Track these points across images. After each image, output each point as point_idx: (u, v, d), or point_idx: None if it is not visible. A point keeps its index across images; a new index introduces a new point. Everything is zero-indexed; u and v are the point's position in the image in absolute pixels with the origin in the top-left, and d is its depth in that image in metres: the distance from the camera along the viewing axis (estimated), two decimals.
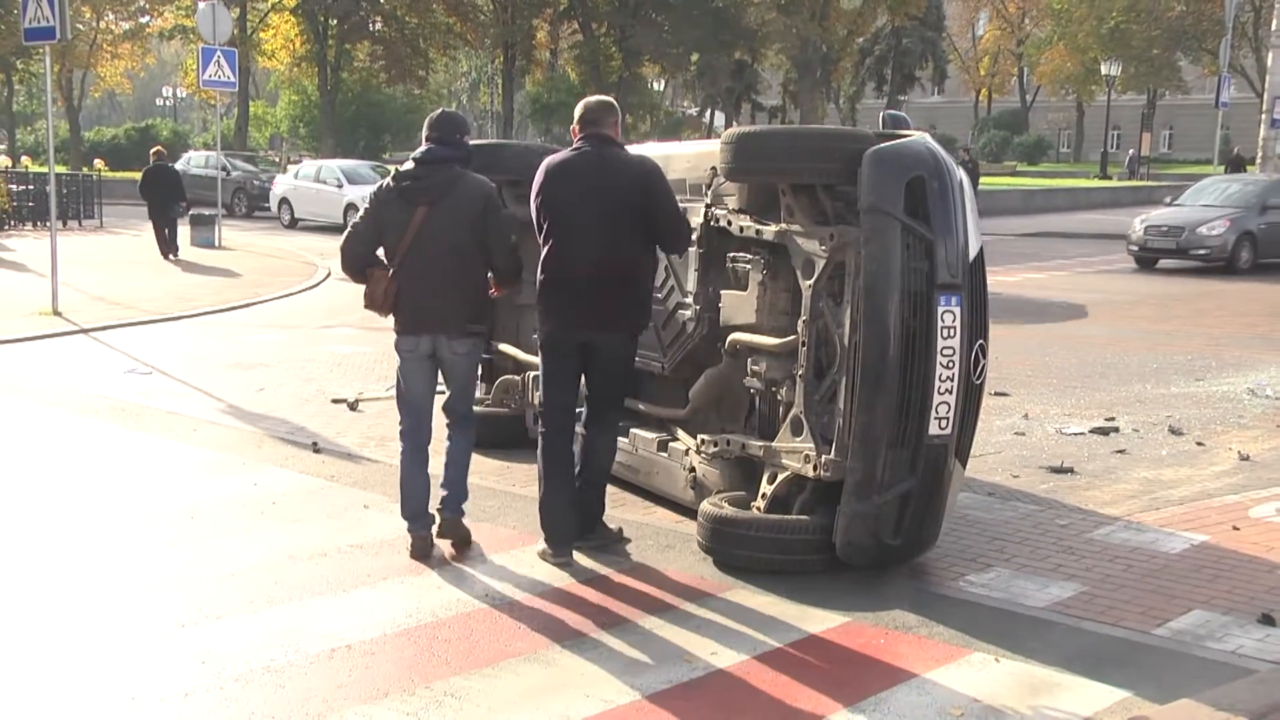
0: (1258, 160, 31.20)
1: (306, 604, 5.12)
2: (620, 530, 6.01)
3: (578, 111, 5.80)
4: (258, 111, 59.50)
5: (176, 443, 8.10)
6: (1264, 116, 31.06)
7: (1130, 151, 61.30)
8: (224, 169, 34.81)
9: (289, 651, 4.59)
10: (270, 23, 53.91)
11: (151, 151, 22.92)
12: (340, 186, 29.09)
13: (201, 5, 23.08)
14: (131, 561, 5.71)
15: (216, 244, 23.24)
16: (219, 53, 22.35)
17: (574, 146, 5.77)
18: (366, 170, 31.49)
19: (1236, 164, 55.31)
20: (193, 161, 35.90)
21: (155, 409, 9.17)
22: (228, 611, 5.01)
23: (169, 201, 21.23)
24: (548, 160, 5.81)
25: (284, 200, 30.79)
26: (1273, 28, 31.76)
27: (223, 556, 5.74)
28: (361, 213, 5.87)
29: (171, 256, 20.83)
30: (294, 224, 30.10)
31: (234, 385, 10.09)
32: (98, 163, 36.80)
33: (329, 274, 18.79)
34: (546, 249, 5.69)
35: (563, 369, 5.77)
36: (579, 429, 5.92)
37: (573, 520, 5.77)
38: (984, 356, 5.36)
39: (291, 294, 16.70)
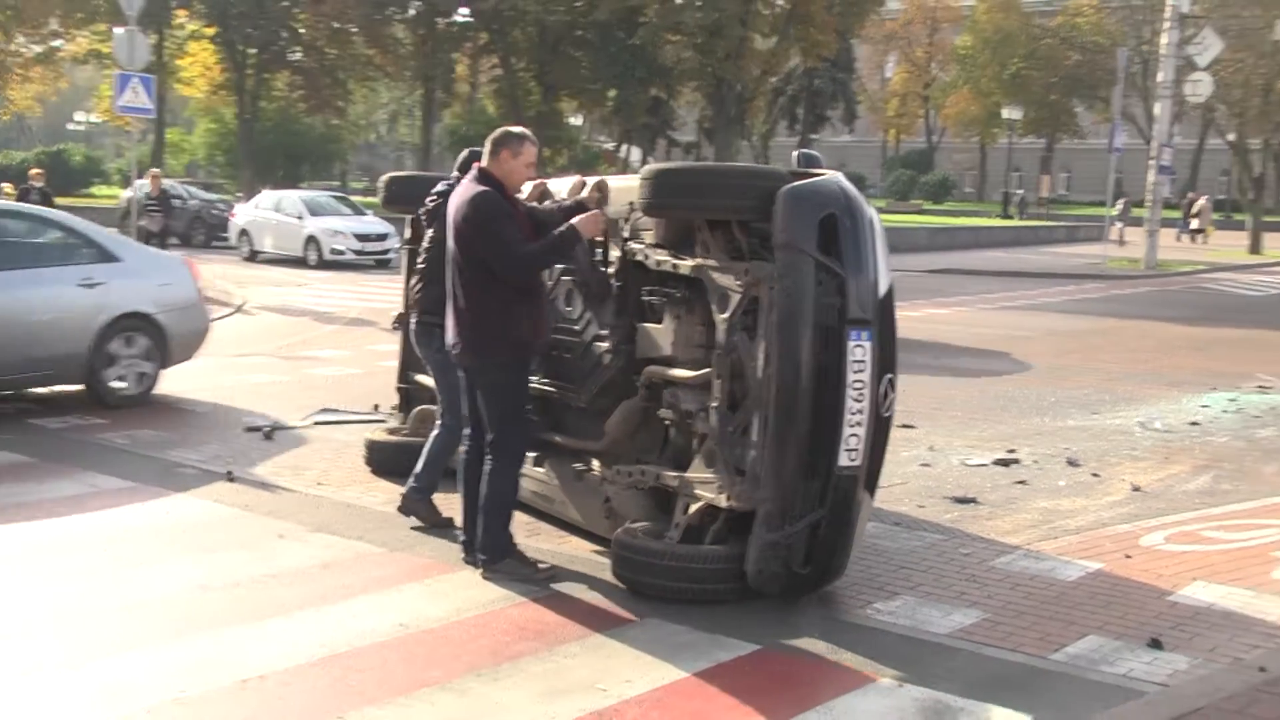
0: (1146, 203, 32.18)
1: (219, 634, 5.09)
2: (543, 568, 5.95)
3: None
4: (174, 139, 58.62)
5: (88, 471, 7.99)
6: (1152, 162, 32.08)
7: (1020, 192, 62.94)
8: (179, 197, 34.10)
9: (200, 683, 4.56)
10: (188, 50, 53.28)
11: (31, 172, 22.46)
12: (300, 218, 27.67)
13: (118, 31, 22.59)
14: (39, 593, 5.62)
15: None
16: (136, 78, 21.99)
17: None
18: (328, 200, 30.33)
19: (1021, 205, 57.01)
20: (141, 188, 34.79)
21: (68, 438, 9.03)
22: (138, 643, 4.97)
23: None
24: None
25: (243, 231, 28.98)
26: (1159, 79, 32.86)
27: (134, 587, 5.69)
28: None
29: None
30: (253, 256, 28.26)
31: (148, 413, 9.94)
32: (5, 186, 35.94)
33: (245, 302, 18.61)
34: None
35: (466, 388, 6.09)
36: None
37: (474, 532, 6.00)
38: (893, 390, 5.51)
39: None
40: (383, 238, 26.86)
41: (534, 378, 6.45)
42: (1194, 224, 45.38)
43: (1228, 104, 39.57)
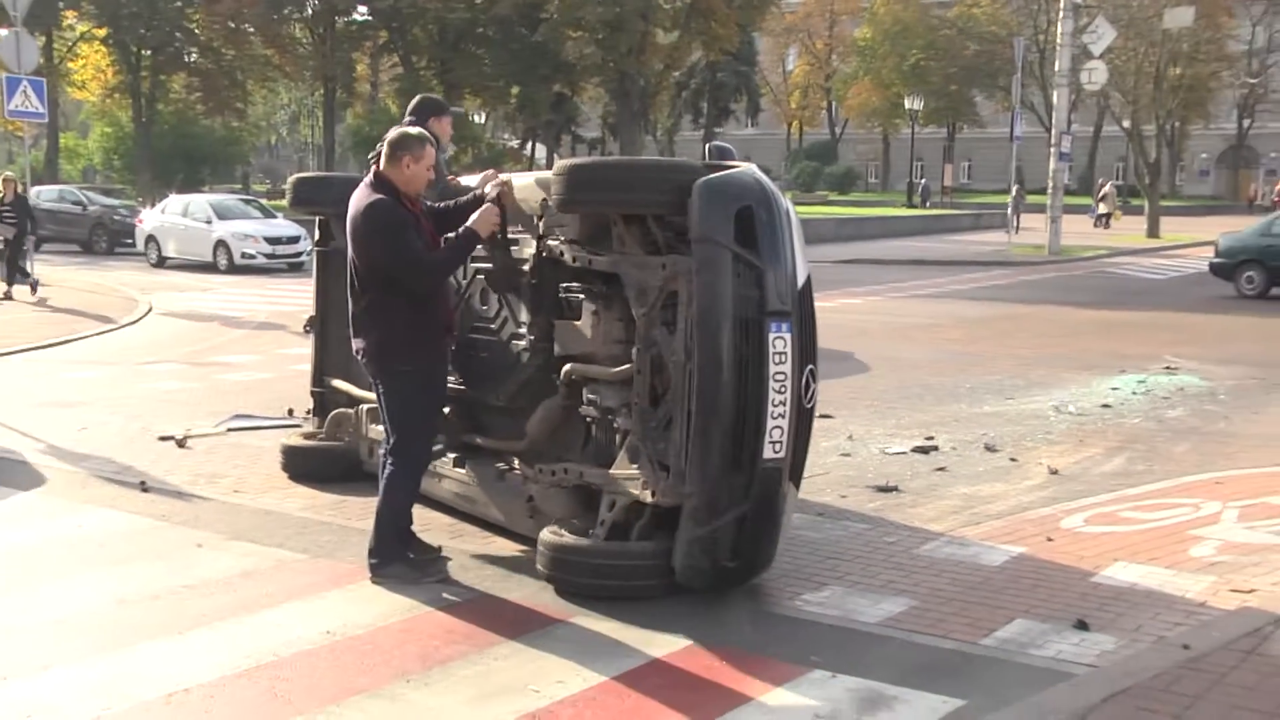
0: (1048, 190, 32.80)
1: (140, 649, 4.94)
2: (433, 572, 5.85)
3: None
4: (69, 143, 57.19)
5: None
6: (1052, 149, 32.70)
7: (922, 181, 63.88)
8: (79, 203, 33.28)
9: (123, 699, 4.42)
10: (80, 52, 51.99)
11: None
12: (209, 223, 27.15)
13: (3, 32, 21.98)
14: None
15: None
16: (25, 82, 21.40)
17: None
18: (236, 204, 29.82)
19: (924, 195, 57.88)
20: (43, 195, 33.70)
21: None
22: (55, 660, 4.80)
23: None
24: None
25: (150, 237, 28.48)
26: (1056, 68, 33.50)
27: (48, 603, 5.50)
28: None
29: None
30: (161, 263, 27.83)
31: (54, 425, 9.65)
32: None
33: (150, 308, 18.20)
34: None
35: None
36: None
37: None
38: (814, 381, 5.52)
39: (112, 330, 16.09)
40: (294, 240, 26.45)
41: (451, 379, 6.35)
42: (1100, 208, 46.33)
43: (1122, 91, 40.46)
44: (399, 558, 5.83)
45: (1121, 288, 23.98)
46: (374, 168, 5.84)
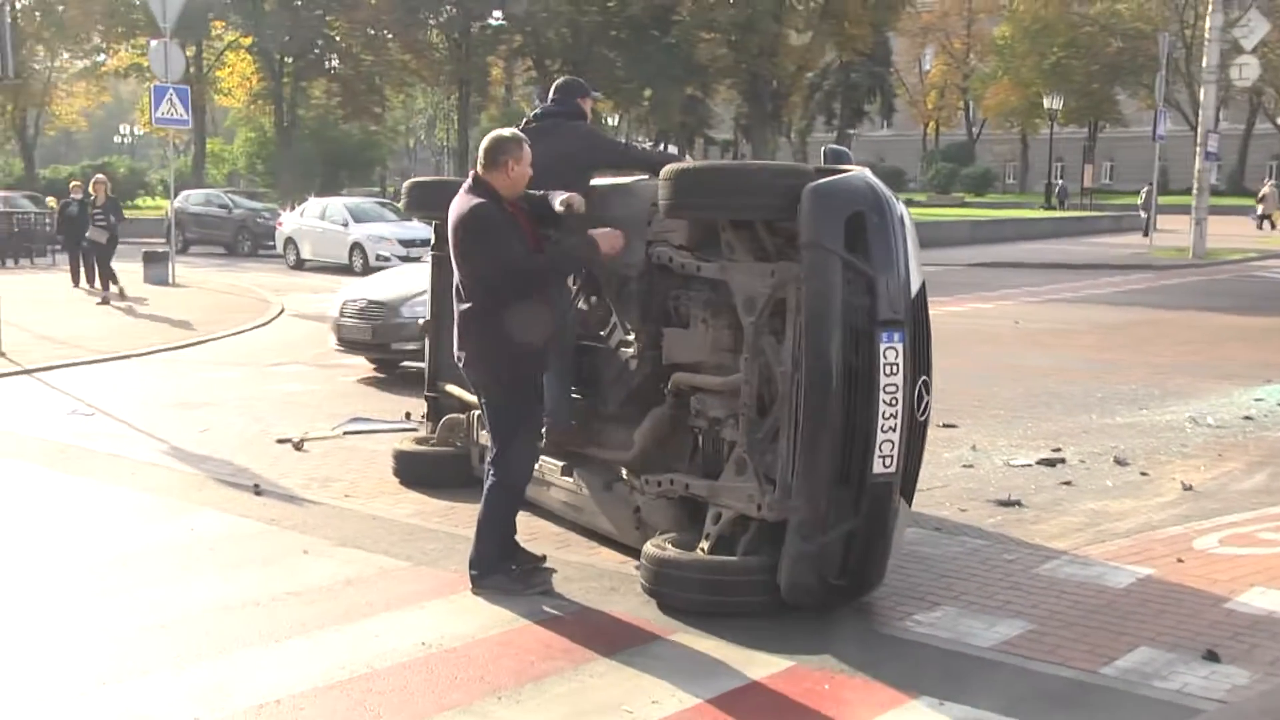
0: (1193, 190, 31.62)
1: (237, 657, 4.95)
2: (536, 583, 5.78)
3: None
4: (215, 149, 59.19)
5: (115, 486, 7.91)
6: (1198, 149, 31.51)
7: (1059, 183, 62.14)
8: (225, 207, 34.59)
9: (215, 710, 4.42)
10: (226, 61, 53.87)
11: (71, 185, 23.02)
12: (345, 225, 27.75)
13: (153, 43, 22.85)
14: (57, 613, 5.51)
15: (170, 281, 22.98)
16: (172, 90, 22.16)
17: None
18: (372, 207, 30.48)
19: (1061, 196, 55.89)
20: (191, 199, 35.17)
21: (95, 451, 8.97)
22: (154, 666, 4.84)
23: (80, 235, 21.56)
24: None
25: (289, 240, 29.30)
26: (1204, 64, 32.29)
27: (154, 607, 5.56)
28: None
29: (105, 290, 20.32)
30: (300, 264, 28.50)
31: (178, 426, 9.87)
32: (49, 200, 36.30)
33: (282, 310, 18.60)
34: None
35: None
36: None
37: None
38: (927, 393, 5.31)
39: (243, 331, 16.46)
40: (427, 242, 26.68)
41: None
42: (1259, 209, 44.48)
43: (1276, 87, 38.87)
44: (500, 569, 5.77)
45: (1270, 293, 22.88)
46: (472, 172, 5.80)
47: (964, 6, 77.84)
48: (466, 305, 5.71)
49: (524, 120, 6.79)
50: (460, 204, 5.68)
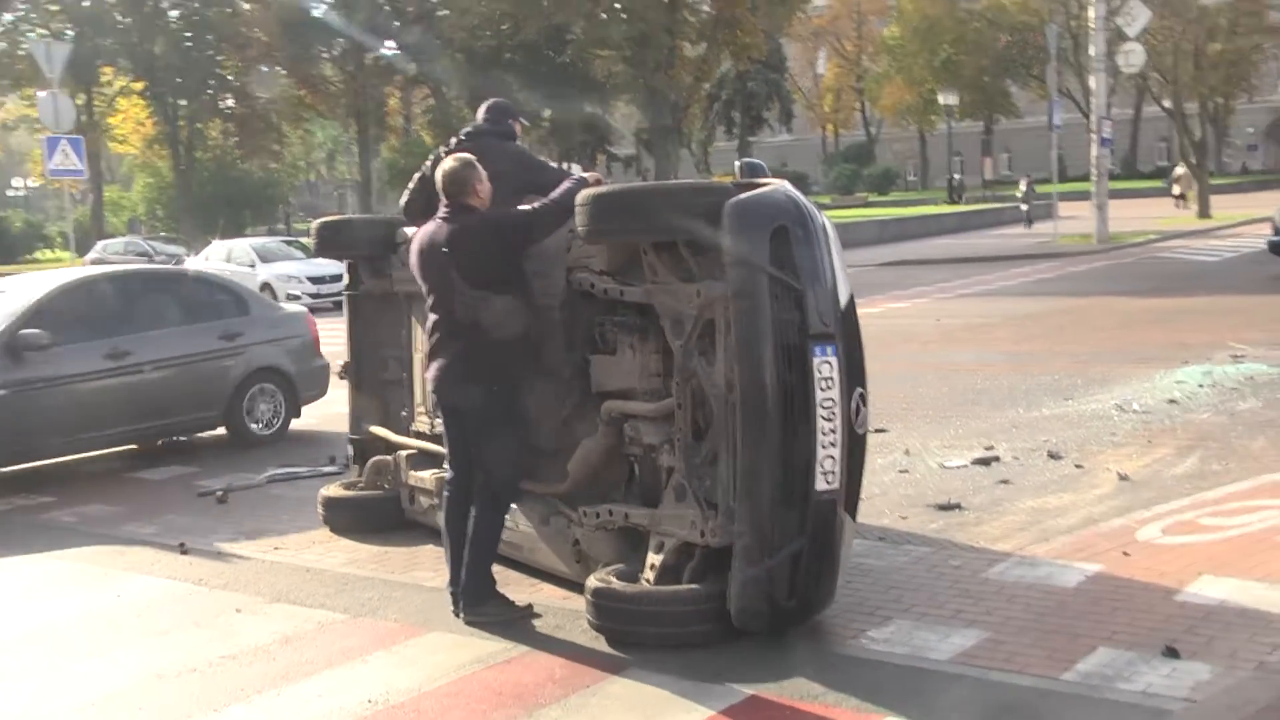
0: (1092, 177, 32.15)
1: None
2: (529, 605, 5.78)
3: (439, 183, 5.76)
4: (113, 196, 58.03)
5: (27, 555, 7.58)
6: (1093, 135, 32.06)
7: (957, 177, 62.98)
8: (144, 254, 34.12)
9: None
10: (119, 106, 52.92)
11: None
12: (253, 266, 27.32)
13: (41, 94, 22.24)
14: None
15: None
16: (64, 140, 21.60)
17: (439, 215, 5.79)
18: (279, 246, 30.06)
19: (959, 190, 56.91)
20: (109, 249, 34.65)
21: (13, 520, 8.61)
22: None
23: None
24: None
25: None
26: (1091, 53, 32.89)
27: (82, 683, 5.31)
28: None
29: None
30: None
31: (95, 488, 9.52)
32: None
33: None
34: None
35: (448, 432, 5.90)
36: None
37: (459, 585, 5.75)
38: (864, 405, 5.21)
39: None
40: (337, 278, 26.34)
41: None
42: (1175, 189, 45.31)
43: (1161, 71, 39.73)
44: (493, 595, 5.75)
45: (1176, 273, 23.24)
46: (444, 206, 5.72)
47: (853, 9, 78.78)
48: (466, 319, 5.62)
49: (454, 139, 6.66)
50: (456, 228, 5.64)
